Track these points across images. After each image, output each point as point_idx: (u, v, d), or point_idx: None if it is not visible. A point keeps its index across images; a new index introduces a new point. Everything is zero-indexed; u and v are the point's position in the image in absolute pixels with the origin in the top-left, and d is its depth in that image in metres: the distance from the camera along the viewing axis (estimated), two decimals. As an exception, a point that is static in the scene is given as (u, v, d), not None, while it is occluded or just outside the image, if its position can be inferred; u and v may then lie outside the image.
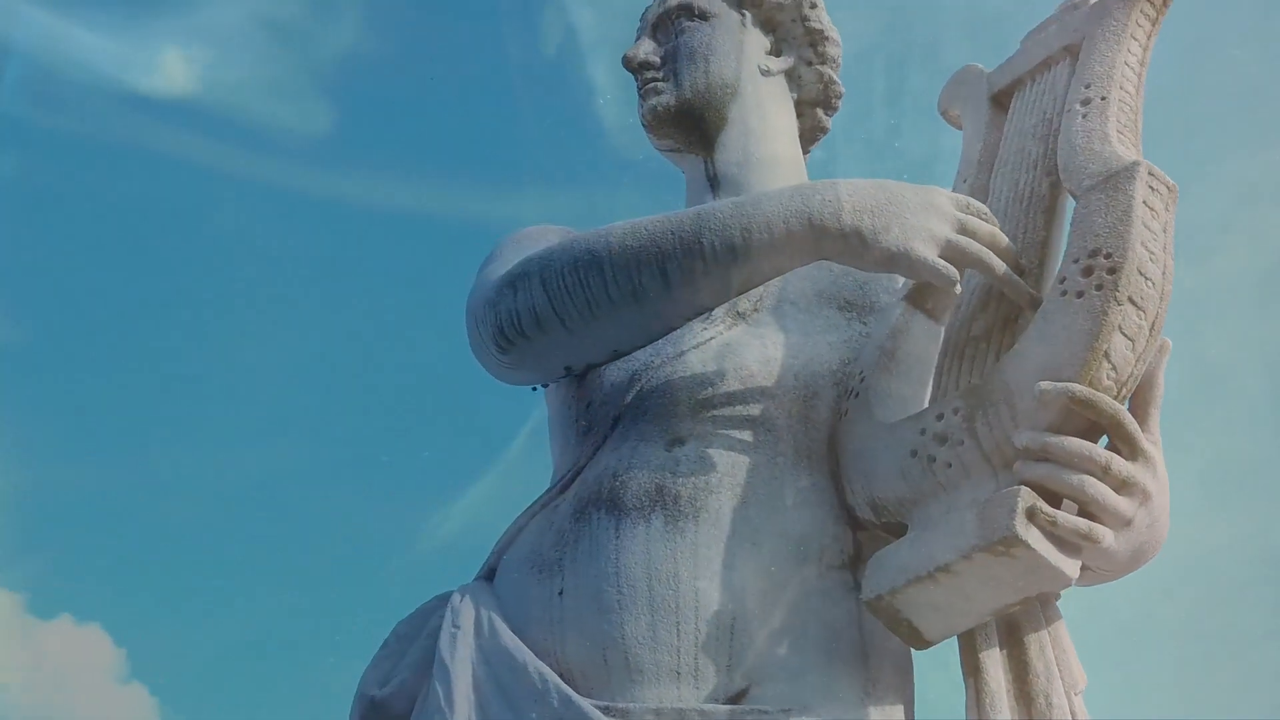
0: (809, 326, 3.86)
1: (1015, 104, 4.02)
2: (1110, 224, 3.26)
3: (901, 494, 3.37)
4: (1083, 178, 3.45)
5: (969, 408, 3.28)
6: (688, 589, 3.39)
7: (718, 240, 3.48)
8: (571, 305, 3.58)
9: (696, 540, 3.45)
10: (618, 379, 3.86)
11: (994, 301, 3.56)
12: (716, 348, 3.82)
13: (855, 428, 3.56)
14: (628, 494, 3.55)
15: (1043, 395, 3.11)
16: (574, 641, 3.42)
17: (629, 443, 3.67)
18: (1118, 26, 3.78)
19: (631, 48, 4.49)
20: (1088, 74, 3.73)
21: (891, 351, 3.67)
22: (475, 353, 3.91)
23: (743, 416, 3.66)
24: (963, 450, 3.26)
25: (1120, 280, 3.16)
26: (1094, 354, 3.12)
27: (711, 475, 3.54)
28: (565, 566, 3.54)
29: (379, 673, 3.73)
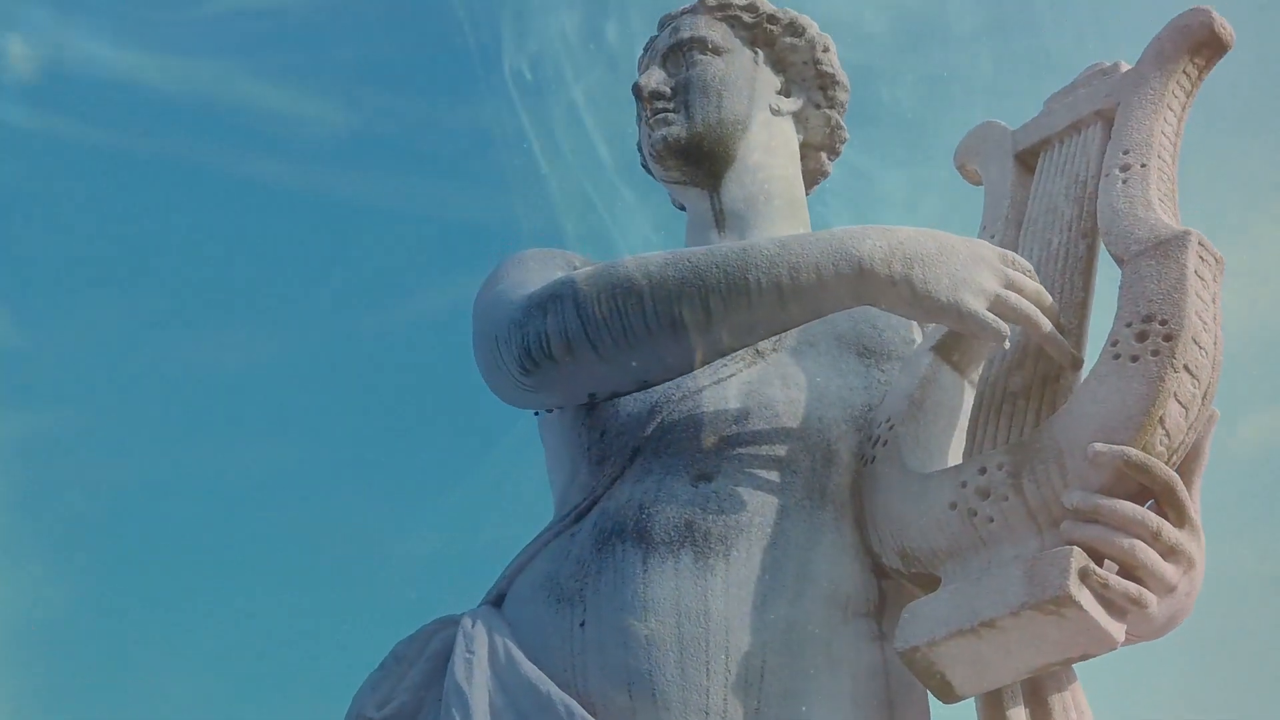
0: (829, 370, 3.85)
1: (1043, 164, 4.05)
2: (1164, 291, 3.29)
3: (937, 545, 3.36)
4: (1129, 243, 3.48)
5: (1015, 464, 3.28)
6: (718, 628, 3.34)
7: (764, 278, 3.45)
8: (607, 332, 3.51)
9: (728, 579, 3.41)
10: (635, 410, 3.80)
11: (1030, 359, 3.57)
12: (739, 385, 3.78)
13: (885, 476, 3.54)
14: (655, 527, 3.49)
15: (1097, 457, 3.12)
16: (596, 675, 3.35)
17: (653, 476, 3.62)
18: (1155, 95, 3.83)
19: (642, 75, 4.46)
20: (1126, 140, 3.77)
21: (920, 401, 3.67)
22: (488, 372, 3.81)
23: (769, 456, 3.62)
24: (1007, 506, 3.25)
25: (1177, 348, 3.19)
26: (1150, 419, 3.14)
27: (742, 514, 3.50)
28: (587, 597, 3.47)
29: (378, 694, 3.62)
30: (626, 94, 4.61)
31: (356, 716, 3.59)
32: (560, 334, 3.54)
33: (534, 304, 3.63)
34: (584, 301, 3.54)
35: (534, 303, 3.63)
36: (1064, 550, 3.08)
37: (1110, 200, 3.65)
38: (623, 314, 3.50)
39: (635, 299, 3.49)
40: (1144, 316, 3.27)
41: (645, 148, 4.49)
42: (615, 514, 3.58)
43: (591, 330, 3.52)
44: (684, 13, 4.63)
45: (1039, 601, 3.06)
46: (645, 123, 4.46)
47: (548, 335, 3.56)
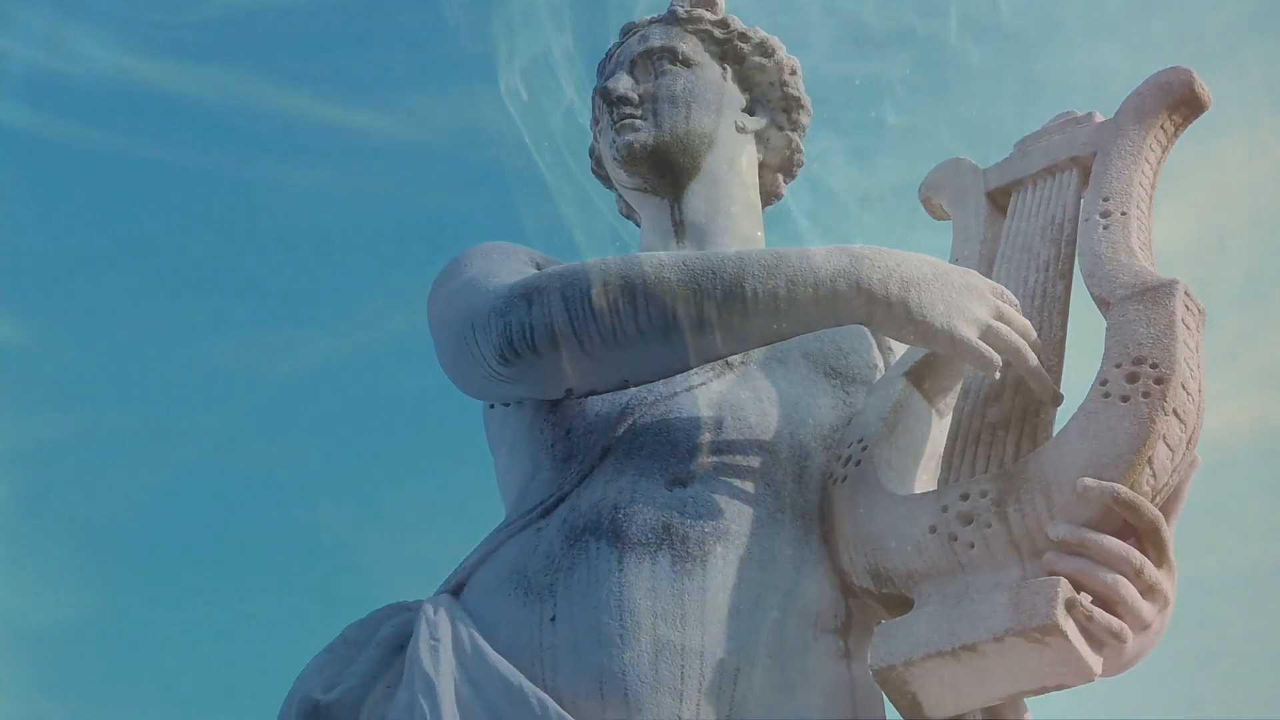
0: (799, 388, 3.86)
1: (1016, 204, 4.13)
2: (1154, 335, 3.37)
3: (913, 567, 3.38)
4: (1114, 286, 3.56)
5: (999, 492, 3.32)
6: (694, 632, 3.32)
7: (760, 288, 3.44)
8: (595, 329, 3.47)
9: (704, 585, 3.38)
10: (605, 410, 3.77)
11: (1009, 391, 3.62)
12: (710, 395, 3.77)
13: (859, 495, 3.55)
14: (632, 528, 3.46)
15: (1086, 491, 3.17)
16: (567, 671, 3.30)
17: (627, 476, 3.58)
18: (1134, 147, 3.93)
19: (610, 80, 4.45)
20: (1106, 188, 3.86)
21: (893, 425, 3.70)
22: (457, 360, 3.74)
23: (743, 467, 3.62)
24: (990, 533, 3.29)
25: (1167, 391, 3.27)
26: (1139, 459, 3.21)
27: (720, 521, 3.48)
28: (558, 592, 3.42)
29: (324, 676, 3.52)
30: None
31: (303, 698, 3.48)
32: (545, 326, 3.49)
33: (517, 294, 3.57)
34: (573, 296, 3.49)
35: (517, 293, 3.57)
36: (1051, 580, 3.12)
37: (1092, 244, 3.73)
38: (614, 312, 3.47)
39: (629, 297, 3.46)
40: (1134, 359, 3.34)
41: (608, 152, 4.46)
42: (587, 511, 3.53)
43: (579, 325, 3.48)
44: (653, 22, 4.63)
45: (1024, 629, 3.10)
46: (611, 127, 4.42)
47: (531, 326, 3.50)
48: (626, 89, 4.40)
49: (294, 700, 3.50)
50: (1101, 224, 3.78)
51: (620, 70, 4.50)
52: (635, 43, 4.56)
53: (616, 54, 4.64)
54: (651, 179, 4.37)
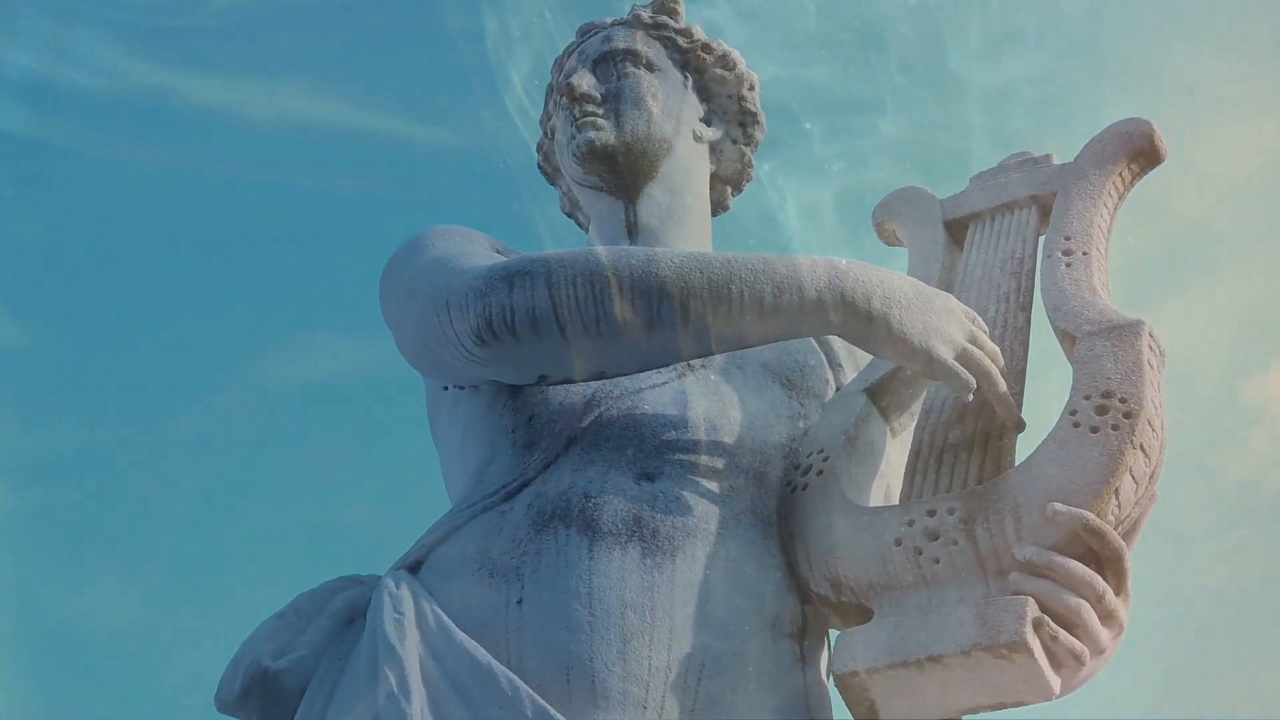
0: (758, 396, 3.90)
1: (974, 235, 4.24)
2: (1122, 372, 3.49)
3: (874, 578, 3.44)
4: (1080, 322, 3.68)
5: (968, 511, 3.40)
6: (663, 624, 3.33)
7: (747, 291, 3.47)
8: (578, 317, 3.46)
9: (673, 580, 3.40)
10: (569, 400, 3.77)
11: (971, 415, 3.71)
12: (673, 393, 3.80)
13: (822, 504, 3.60)
14: (603, 517, 3.46)
15: (1056, 515, 3.27)
16: (533, 655, 3.28)
17: (595, 467, 3.58)
18: (1094, 191, 4.07)
19: (574, 76, 4.44)
20: (1067, 228, 3.99)
21: (854, 439, 3.77)
22: (426, 338, 3.68)
23: (709, 468, 3.64)
24: (956, 550, 3.36)
25: (1136, 426, 3.38)
26: (1107, 489, 3.31)
27: (689, 518, 3.51)
28: (525, 576, 3.40)
29: (274, 643, 3.46)
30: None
31: (251, 663, 3.42)
32: (527, 311, 3.47)
33: (498, 276, 3.54)
34: (558, 283, 3.47)
35: (498, 274, 3.54)
36: (1020, 599, 3.21)
37: (1055, 280, 3.85)
38: (598, 302, 3.46)
39: (614, 287, 3.46)
40: (1103, 392, 3.45)
41: (566, 147, 4.45)
42: (555, 499, 3.52)
43: (562, 313, 3.46)
44: (616, 24, 4.65)
45: (992, 644, 3.17)
46: (571, 123, 4.42)
47: (512, 309, 3.48)
48: (590, 87, 4.41)
49: (241, 664, 3.44)
50: (1064, 261, 3.90)
51: (583, 68, 4.50)
52: (598, 42, 4.57)
53: (576, 51, 4.64)
54: (608, 178, 4.38)
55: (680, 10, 4.75)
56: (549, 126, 4.80)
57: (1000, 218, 4.23)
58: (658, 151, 4.39)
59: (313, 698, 3.40)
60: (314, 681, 3.42)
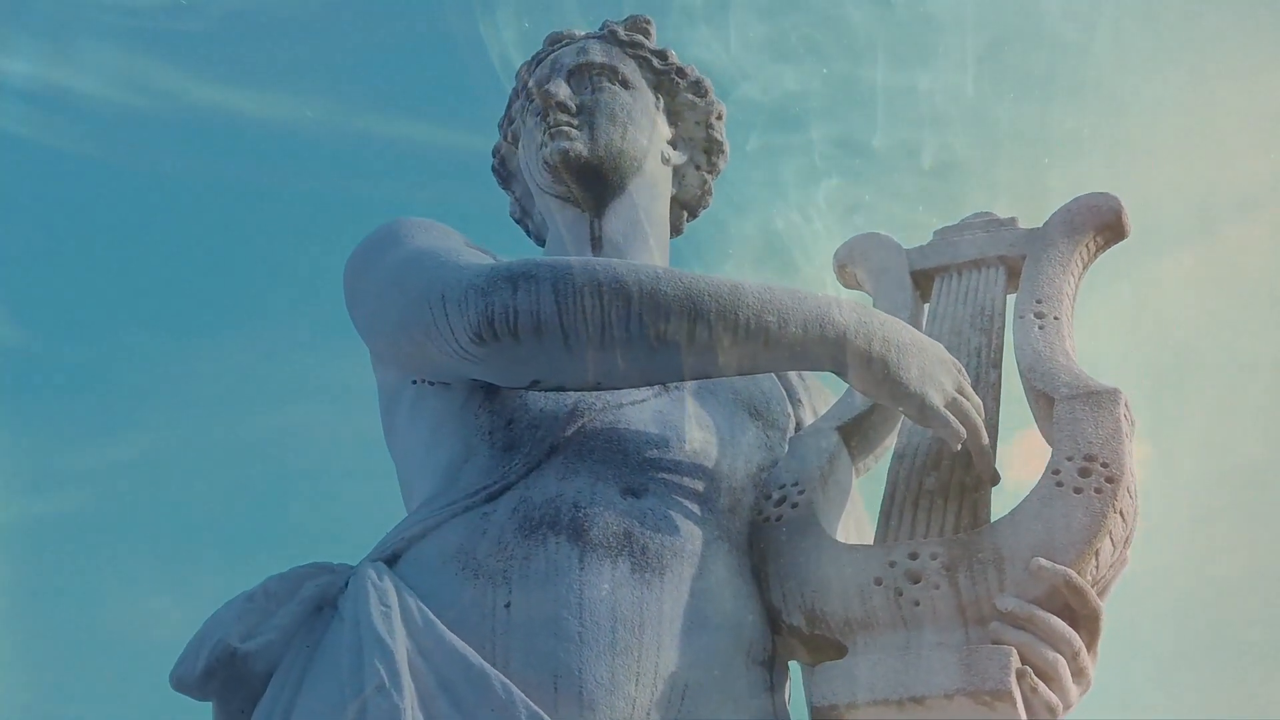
0: (731, 422, 3.92)
1: (941, 288, 4.33)
2: (1103, 437, 3.60)
3: (853, 615, 3.48)
4: (1057, 384, 3.78)
5: (951, 558, 3.46)
6: (651, 642, 3.32)
7: (753, 318, 3.49)
8: (584, 326, 3.43)
9: (661, 598, 3.39)
10: (551, 407, 3.74)
11: (946, 463, 3.78)
12: (652, 411, 3.80)
13: (799, 537, 3.64)
14: (594, 529, 3.44)
15: (1040, 571, 3.35)
16: (520, 660, 3.24)
17: (581, 477, 3.56)
18: (1063, 258, 4.20)
19: (552, 83, 4.41)
20: (1038, 291, 4.10)
21: (827, 475, 3.81)
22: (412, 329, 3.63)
23: (690, 490, 3.65)
24: (938, 595, 3.43)
25: (1117, 491, 3.50)
26: (1089, 549, 3.42)
27: (676, 538, 3.51)
28: (513, 580, 3.36)
29: (243, 624, 3.36)
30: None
31: (219, 643, 3.31)
32: (531, 314, 3.43)
33: (501, 276, 3.49)
34: (564, 289, 3.44)
35: (501, 274, 3.49)
36: (1005, 649, 3.28)
37: (1029, 341, 3.96)
38: (605, 313, 3.44)
39: (622, 302, 3.44)
40: (1085, 455, 3.56)
41: (535, 154, 4.41)
42: (543, 505, 3.49)
43: (567, 320, 3.43)
44: (590, 37, 4.64)
45: (976, 690, 3.24)
46: (543, 130, 4.38)
47: (516, 311, 3.44)
48: (566, 96, 4.38)
49: (206, 642, 3.33)
50: (1037, 324, 4.01)
51: (557, 77, 4.47)
52: (573, 53, 4.54)
53: (548, 60, 4.60)
54: (576, 189, 4.36)
55: (652, 31, 4.75)
56: (509, 130, 4.76)
57: (968, 274, 4.33)
58: (628, 168, 4.39)
59: (280, 684, 3.30)
60: (281, 667, 3.33)
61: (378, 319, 3.82)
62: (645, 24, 4.73)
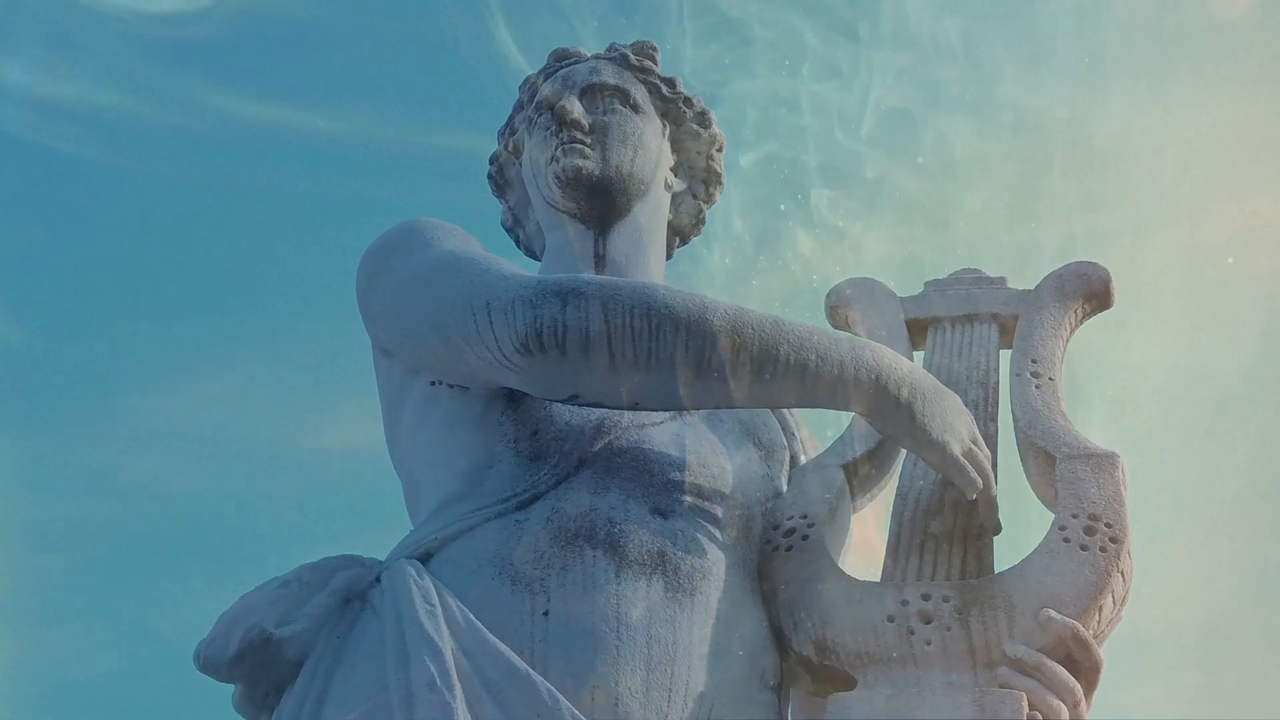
0: (740, 451, 4.00)
1: (935, 339, 4.48)
2: (1106, 499, 3.78)
3: (864, 649, 3.60)
4: (1059, 444, 3.95)
5: (963, 602, 3.61)
6: (683, 659, 3.40)
7: (794, 355, 3.59)
8: (630, 347, 3.50)
9: (692, 618, 3.48)
10: (576, 421, 3.80)
11: (949, 509, 3.93)
12: (670, 434, 3.87)
13: (810, 568, 3.75)
14: (630, 545, 3.51)
15: (1050, 622, 3.51)
16: (557, 667, 3.29)
17: (613, 493, 3.63)
18: (1054, 321, 4.38)
19: (565, 99, 4.46)
20: (1033, 351, 4.28)
21: (834, 510, 3.94)
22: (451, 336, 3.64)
23: (711, 514, 3.74)
24: (949, 636, 3.57)
25: (1120, 551, 3.67)
26: (1094, 604, 3.59)
27: (704, 560, 3.59)
28: (551, 589, 3.41)
29: (277, 611, 3.35)
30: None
31: (253, 626, 3.30)
32: (579, 330, 3.48)
33: (549, 290, 3.53)
34: (614, 309, 3.50)
35: (549, 289, 3.54)
36: (1015, 694, 3.43)
37: (1028, 399, 4.13)
38: (653, 336, 3.50)
39: (670, 326, 3.51)
40: (1090, 514, 3.73)
41: (546, 167, 4.43)
42: (577, 518, 3.55)
43: (615, 339, 3.49)
44: (600, 58, 4.69)
45: None
46: (557, 145, 4.41)
47: (565, 325, 3.48)
48: (580, 114, 4.44)
49: (239, 626, 3.31)
50: (1034, 383, 4.19)
51: (570, 94, 4.52)
52: (585, 72, 4.58)
53: (558, 75, 4.63)
54: (584, 207, 4.41)
55: (658, 57, 4.83)
56: (511, 140, 4.79)
57: (961, 327, 4.49)
58: (635, 191, 4.46)
59: (311, 673, 3.31)
60: (312, 656, 3.33)
61: (404, 318, 3.83)
62: (652, 49, 4.80)
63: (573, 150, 4.37)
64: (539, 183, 4.50)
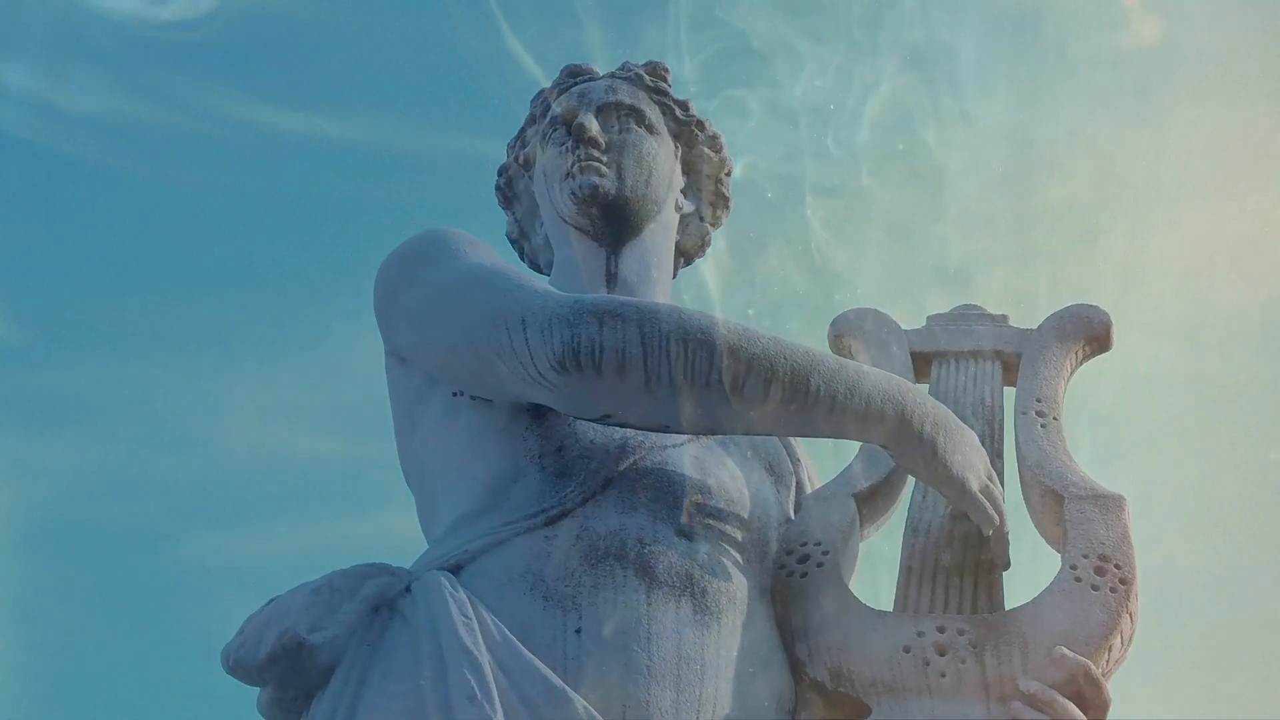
0: (752, 474, 4.04)
1: (939, 373, 4.55)
2: (1114, 540, 3.86)
3: (879, 678, 3.65)
4: (1067, 484, 4.03)
5: (978, 636, 3.67)
6: (710, 682, 3.43)
7: (824, 386, 3.63)
8: (666, 370, 3.52)
9: (719, 642, 3.51)
10: (602, 439, 3.81)
11: (959, 542, 3.99)
12: (689, 456, 3.89)
13: (827, 596, 3.80)
14: (659, 567, 3.54)
15: (1063, 659, 3.59)
16: (589, 686, 3.30)
17: (640, 514, 3.65)
18: (1057, 362, 4.47)
19: (584, 117, 4.49)
20: (1038, 390, 4.36)
21: (847, 539, 3.99)
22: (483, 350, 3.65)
23: (732, 538, 3.77)
24: (964, 669, 3.63)
25: (1130, 593, 3.76)
26: (1105, 644, 3.67)
27: (729, 584, 3.63)
28: (582, 607, 3.43)
29: (309, 616, 3.34)
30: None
31: (286, 630, 3.29)
32: (616, 352, 3.50)
33: (586, 310, 3.55)
34: (651, 332, 3.52)
35: (586, 309, 3.55)
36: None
37: (1035, 438, 4.21)
38: (689, 360, 3.52)
39: (706, 352, 3.54)
40: (1100, 555, 3.81)
41: (562, 183, 4.45)
42: (606, 537, 3.57)
43: (652, 362, 3.51)
44: (614, 76, 4.72)
45: None
46: (574, 161, 4.44)
47: (602, 347, 3.50)
48: (597, 132, 4.47)
49: (272, 629, 3.30)
50: (1039, 423, 4.27)
51: (588, 111, 4.55)
52: (601, 90, 4.61)
53: (575, 92, 4.66)
54: (598, 225, 4.44)
55: (670, 78, 4.87)
56: (521, 153, 4.81)
57: (965, 363, 4.57)
58: (649, 212, 4.49)
59: (343, 680, 3.30)
60: (343, 664, 3.32)
61: (434, 327, 3.83)
62: (665, 70, 4.84)
63: (590, 167, 4.40)
64: (552, 197, 4.52)
